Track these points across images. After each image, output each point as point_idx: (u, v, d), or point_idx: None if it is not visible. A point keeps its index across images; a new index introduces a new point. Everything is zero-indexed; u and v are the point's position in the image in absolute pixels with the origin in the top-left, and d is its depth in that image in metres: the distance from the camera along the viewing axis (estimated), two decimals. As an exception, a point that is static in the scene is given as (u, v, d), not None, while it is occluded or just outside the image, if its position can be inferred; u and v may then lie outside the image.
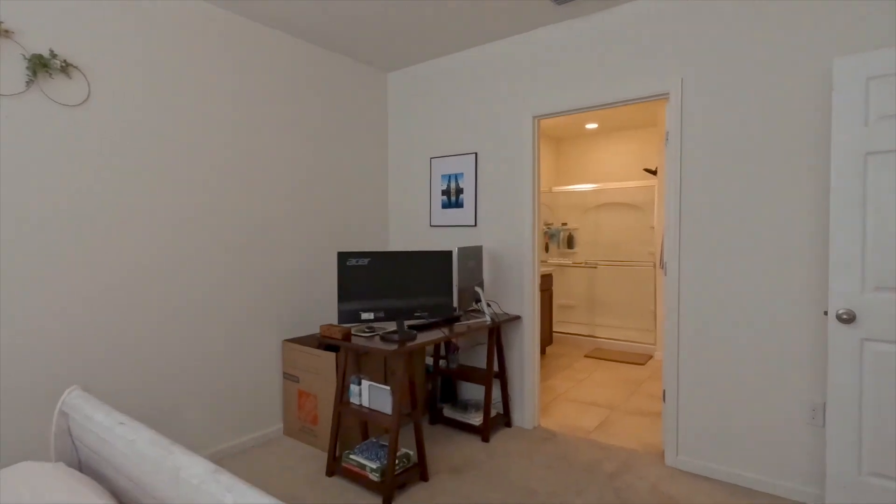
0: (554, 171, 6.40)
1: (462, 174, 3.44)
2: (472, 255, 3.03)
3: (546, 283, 4.99)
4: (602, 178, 6.19)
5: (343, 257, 2.41)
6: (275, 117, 3.09)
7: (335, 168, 3.49)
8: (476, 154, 3.38)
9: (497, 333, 3.14)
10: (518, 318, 3.18)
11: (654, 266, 5.06)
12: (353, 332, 2.66)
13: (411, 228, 3.79)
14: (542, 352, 5.15)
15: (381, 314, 2.46)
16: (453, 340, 3.29)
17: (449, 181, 3.51)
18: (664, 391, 2.73)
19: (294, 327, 3.22)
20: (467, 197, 3.42)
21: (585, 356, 5.05)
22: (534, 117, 3.13)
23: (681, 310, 2.67)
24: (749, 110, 2.42)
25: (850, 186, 2.06)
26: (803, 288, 2.32)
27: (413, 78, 3.73)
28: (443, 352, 3.47)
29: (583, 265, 5.53)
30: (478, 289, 2.97)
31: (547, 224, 6.11)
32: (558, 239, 6.12)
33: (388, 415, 2.39)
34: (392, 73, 3.87)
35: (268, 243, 3.06)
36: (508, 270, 3.25)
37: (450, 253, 2.62)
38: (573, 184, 6.09)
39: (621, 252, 5.96)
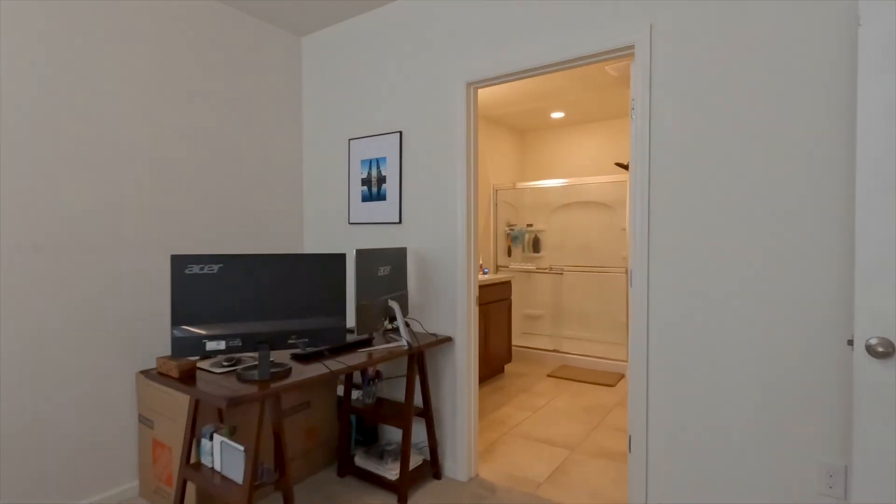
0: (519, 165, 5.78)
1: (384, 159, 2.76)
2: (389, 260, 2.35)
3: (503, 291, 4.33)
4: (570, 173, 5.58)
5: (179, 263, 1.70)
6: (144, 80, 2.37)
7: (235, 151, 2.78)
8: (401, 133, 2.70)
9: (419, 361, 2.45)
10: (449, 339, 2.50)
11: (627, 272, 4.46)
12: (204, 366, 1.95)
13: (327, 227, 3.09)
14: (500, 370, 4.50)
15: (237, 342, 1.76)
16: (370, 368, 2.60)
17: (370, 168, 2.83)
18: (630, 438, 2.08)
19: (159, 354, 2.49)
20: (391, 187, 2.74)
21: (549, 375, 4.40)
22: (468, 84, 2.47)
23: (651, 334, 2.03)
24: (742, 63, 1.80)
25: (883, 160, 1.44)
26: (819, 306, 1.69)
27: (330, 41, 3.05)
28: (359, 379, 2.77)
29: (547, 271, 4.91)
30: (392, 303, 2.28)
31: (510, 225, 5.49)
32: (522, 241, 5.49)
33: (239, 485, 1.68)
34: (306, 38, 3.18)
35: (132, 243, 2.33)
36: (440, 279, 2.57)
37: (342, 257, 1.93)
38: (539, 179, 5.45)
39: (591, 256, 5.34)
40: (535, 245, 5.62)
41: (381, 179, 2.77)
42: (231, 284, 1.76)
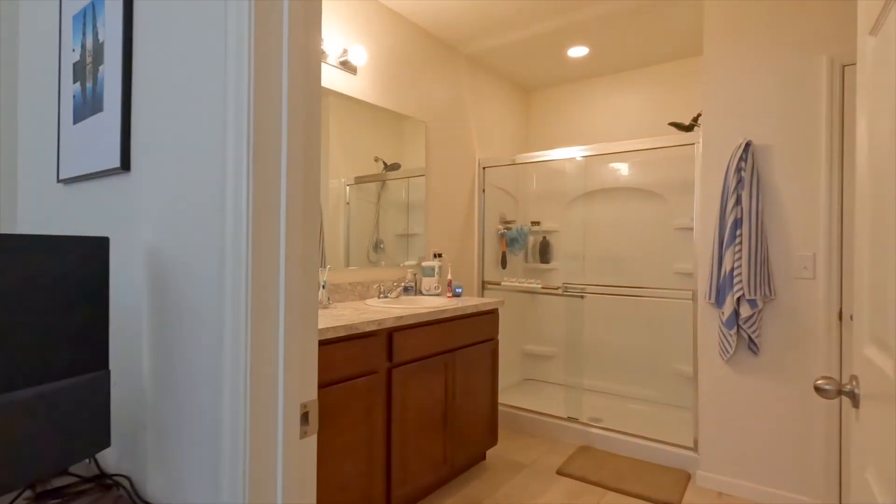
0: (523, 134, 4.01)
1: (102, 3, 1.02)
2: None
3: (484, 327, 2.55)
4: (597, 140, 3.78)
5: None
6: None
7: None
8: (131, -83, 0.97)
9: None
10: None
11: (693, 298, 2.65)
12: None
13: (37, 189, 1.36)
14: (480, 458, 2.70)
15: None
16: None
17: (83, 33, 1.10)
18: None
19: None
20: (110, 75, 1.00)
21: (561, 472, 2.59)
22: None
23: None
24: None
25: None
26: None
27: None
28: None
29: (559, 292, 3.13)
30: None
31: (505, 222, 3.71)
32: (524, 246, 3.71)
33: None
34: None
35: None
36: (198, 340, 0.82)
37: None
38: (550, 148, 3.60)
39: (627, 271, 3.53)
40: (543, 252, 3.84)
41: (98, 57, 1.03)
42: None
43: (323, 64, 2.37)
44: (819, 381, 0.96)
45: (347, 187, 2.57)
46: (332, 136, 2.46)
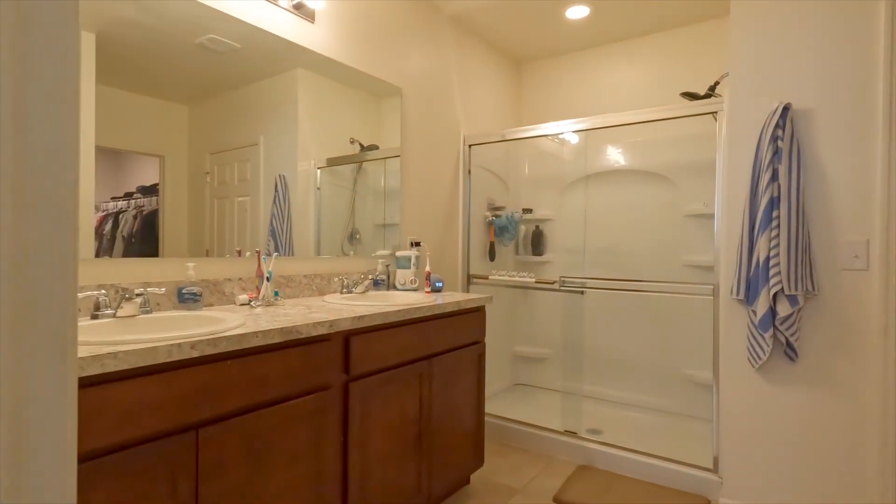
0: (514, 112, 3.59)
1: None
2: None
3: (468, 328, 2.14)
4: (598, 112, 3.37)
5: None
6: None
7: None
8: None
9: None
10: None
11: (714, 294, 2.25)
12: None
13: None
14: (464, 482, 2.29)
15: None
16: None
17: None
18: None
19: None
20: None
21: (557, 500, 2.18)
22: None
23: None
24: None
25: None
26: None
27: None
28: None
29: (555, 286, 2.72)
30: None
31: (494, 209, 3.29)
32: (515, 236, 3.30)
33: None
34: None
35: None
36: None
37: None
38: (545, 122, 3.12)
39: (631, 264, 3.15)
40: (536, 242, 3.44)
41: None
42: None
43: (272, 7, 1.94)
44: None
45: (318, 170, 2.16)
46: (301, 113, 2.06)
